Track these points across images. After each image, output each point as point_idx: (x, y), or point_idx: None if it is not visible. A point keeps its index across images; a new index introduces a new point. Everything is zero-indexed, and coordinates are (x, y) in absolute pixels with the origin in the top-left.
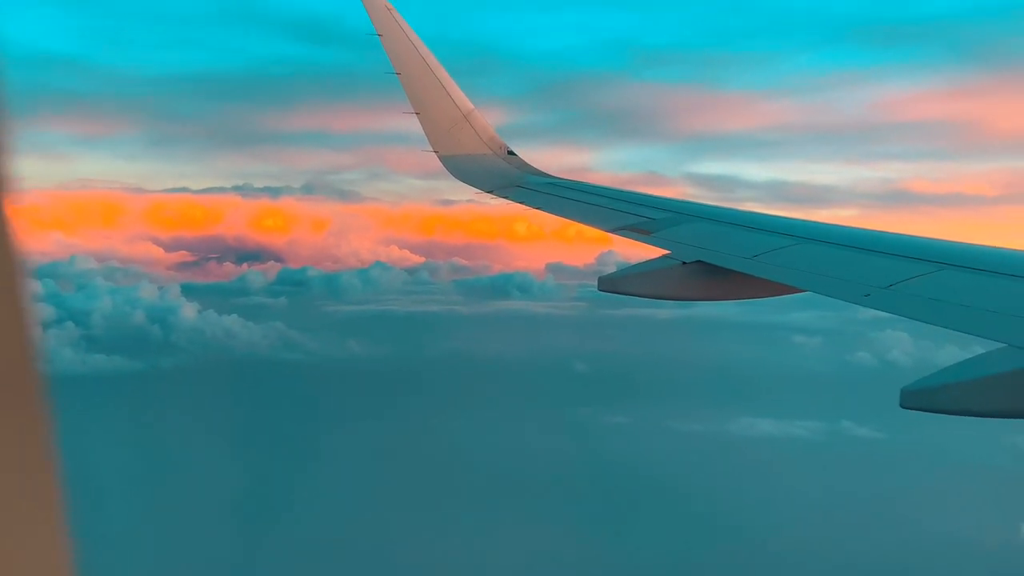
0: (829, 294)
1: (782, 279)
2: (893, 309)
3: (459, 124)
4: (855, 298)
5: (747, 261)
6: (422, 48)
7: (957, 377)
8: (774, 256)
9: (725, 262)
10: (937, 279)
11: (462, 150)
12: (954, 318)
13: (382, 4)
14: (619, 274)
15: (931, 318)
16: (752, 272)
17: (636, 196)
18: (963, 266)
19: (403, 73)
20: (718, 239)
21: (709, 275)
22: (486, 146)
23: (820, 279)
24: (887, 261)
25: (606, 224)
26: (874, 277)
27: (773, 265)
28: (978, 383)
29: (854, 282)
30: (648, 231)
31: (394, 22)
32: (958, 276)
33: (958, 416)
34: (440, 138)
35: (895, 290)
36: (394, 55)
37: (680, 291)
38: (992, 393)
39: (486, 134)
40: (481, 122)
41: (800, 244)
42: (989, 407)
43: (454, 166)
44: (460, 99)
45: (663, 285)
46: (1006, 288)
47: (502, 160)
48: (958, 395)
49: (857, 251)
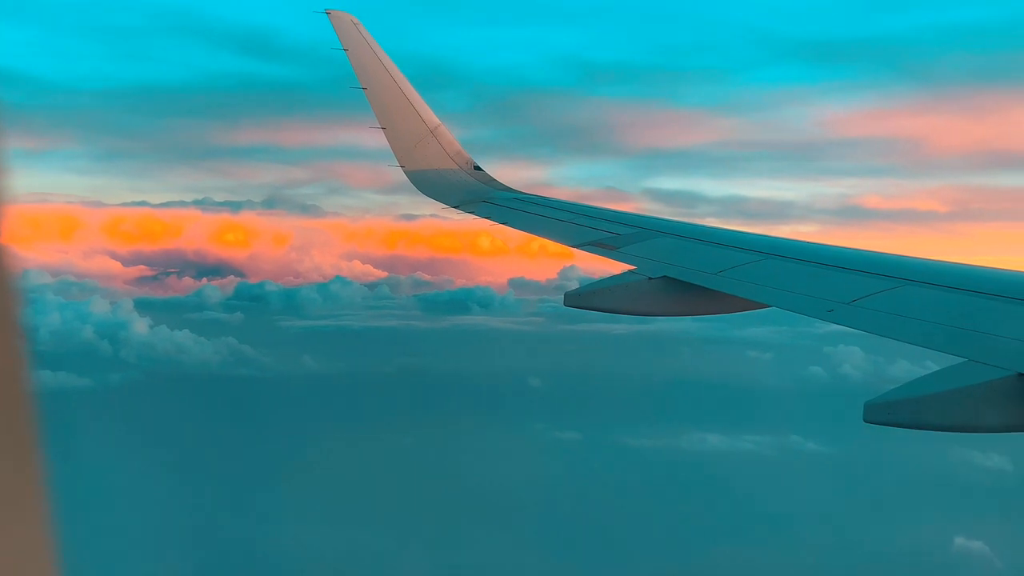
0: (793, 309)
1: (747, 294)
2: (856, 324)
3: (425, 139)
4: (819, 313)
5: (712, 276)
6: (388, 63)
7: (919, 392)
8: (739, 272)
9: (690, 277)
10: (899, 295)
11: (428, 165)
12: (916, 333)
13: (348, 19)
14: (585, 289)
15: (893, 333)
16: (717, 287)
17: (602, 212)
18: (925, 282)
19: (369, 88)
20: (683, 255)
21: (674, 290)
22: (452, 161)
23: (784, 294)
24: (850, 277)
25: (572, 239)
26: (838, 292)
27: (738, 280)
28: (939, 397)
29: (818, 297)
30: (614, 246)
31: (360, 37)
32: (920, 292)
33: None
34: (406, 153)
35: (858, 305)
36: (360, 70)
37: (646, 306)
38: (953, 408)
39: (452, 149)
40: (447, 137)
41: (764, 260)
42: (950, 421)
43: (420, 181)
44: (426, 114)
45: (629, 300)
46: (967, 304)
47: (468, 175)
48: (920, 409)
49: (821, 267)
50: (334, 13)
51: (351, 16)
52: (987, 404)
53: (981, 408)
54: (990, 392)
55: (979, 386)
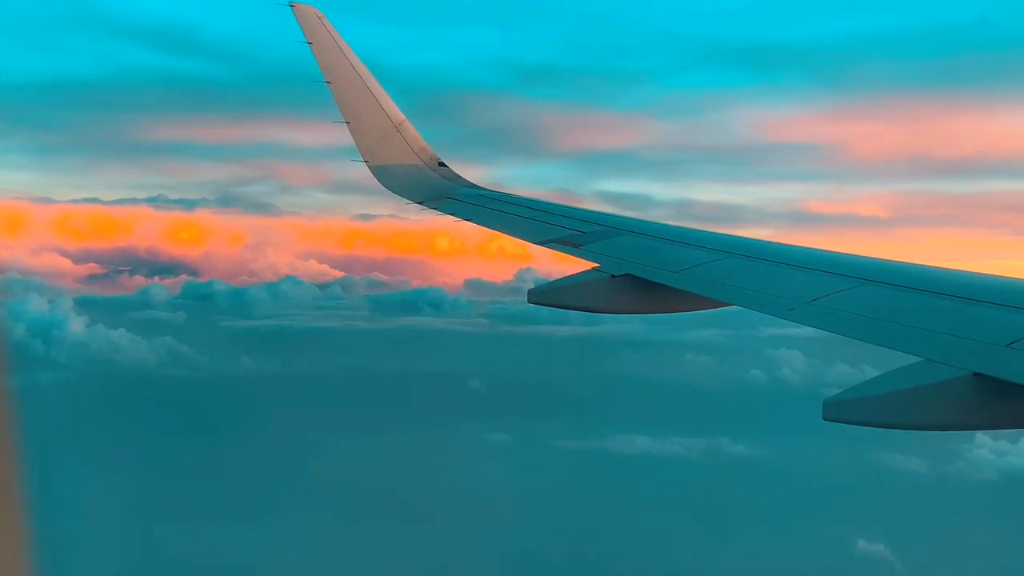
0: (754, 308)
1: (709, 293)
2: (816, 323)
3: (390, 135)
4: (780, 312)
5: (675, 275)
6: (353, 58)
7: (877, 391)
8: (701, 270)
9: (653, 276)
10: (859, 294)
11: (392, 161)
12: (874, 332)
13: (312, 13)
14: (548, 286)
15: (853, 332)
16: (679, 286)
17: (566, 210)
18: (883, 282)
19: (334, 83)
20: (647, 253)
21: (637, 288)
22: (417, 157)
23: (745, 293)
24: (810, 276)
25: (536, 236)
26: (798, 292)
27: (700, 279)
28: (896, 396)
29: (779, 296)
30: (578, 244)
31: (325, 31)
32: (879, 292)
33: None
34: (370, 148)
35: (818, 304)
36: (325, 65)
37: (609, 304)
38: (909, 406)
39: (417, 145)
40: (412, 133)
41: (727, 259)
42: (906, 420)
43: (385, 177)
44: (391, 110)
45: (592, 298)
46: (925, 304)
47: (433, 172)
48: (877, 408)
49: (782, 266)
50: (299, 7)
51: (315, 10)
52: (943, 403)
53: (937, 407)
54: (946, 391)
55: (936, 385)
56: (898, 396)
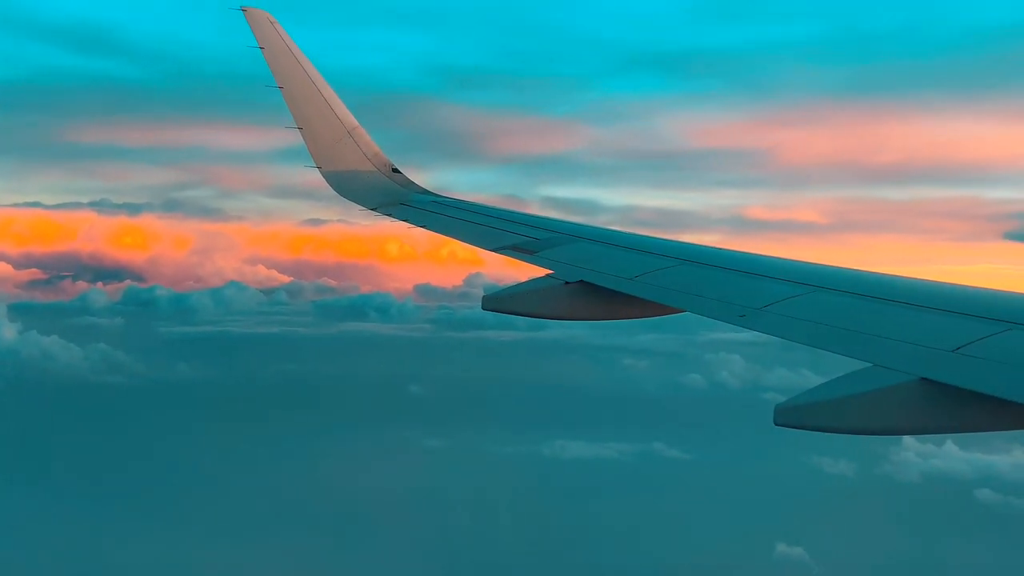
0: (707, 315)
1: (662, 299)
2: (768, 329)
3: (343, 140)
4: (731, 318)
5: (628, 282)
6: (305, 62)
7: (827, 395)
8: (654, 277)
9: (607, 282)
10: (809, 300)
11: (346, 166)
12: (825, 338)
13: (264, 17)
14: (503, 293)
15: (803, 338)
16: (633, 292)
17: (521, 216)
18: (833, 288)
19: (286, 88)
20: (601, 259)
21: (591, 295)
22: (370, 163)
23: (698, 300)
24: (762, 283)
25: (490, 243)
26: (750, 298)
27: (653, 286)
28: (847, 401)
29: (731, 303)
30: (532, 251)
31: (277, 35)
32: (829, 298)
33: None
34: (323, 154)
35: (769, 311)
36: (277, 69)
37: (563, 311)
38: (859, 411)
39: (370, 151)
40: (365, 139)
41: (680, 266)
42: (856, 424)
43: (337, 182)
44: (344, 115)
45: (546, 305)
46: (874, 310)
47: (386, 177)
48: (828, 413)
49: (734, 273)
50: (250, 11)
51: (267, 14)
52: (892, 408)
53: (886, 412)
54: (895, 396)
55: (885, 390)
56: (848, 401)
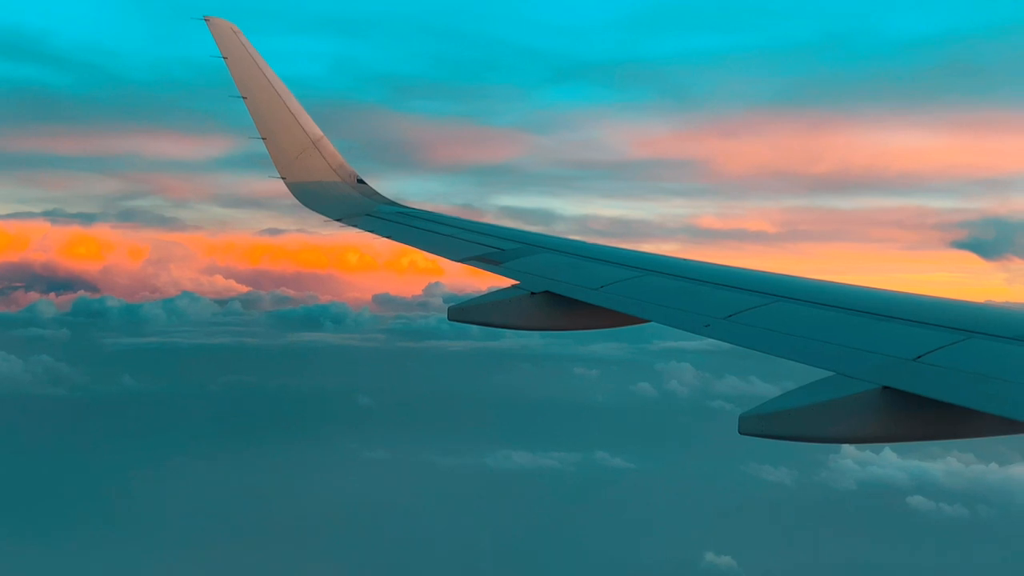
0: (671, 324)
1: (626, 309)
2: (732, 339)
3: (307, 151)
4: (696, 328)
5: (593, 292)
6: (269, 73)
7: (791, 404)
8: (619, 287)
9: (572, 293)
10: (772, 310)
11: (310, 177)
12: (788, 348)
13: (228, 27)
14: (469, 304)
15: (767, 347)
16: (598, 303)
17: (486, 227)
18: (796, 298)
19: (249, 98)
20: (566, 270)
21: (556, 305)
22: (335, 174)
23: (662, 310)
24: (726, 293)
25: (456, 254)
26: (714, 308)
27: (618, 296)
28: (810, 410)
29: (695, 313)
30: (498, 261)
31: (240, 46)
32: (792, 308)
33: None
34: (287, 165)
35: (733, 320)
36: (240, 79)
37: (528, 321)
38: (822, 420)
39: (335, 161)
40: (330, 149)
41: (644, 276)
42: (818, 433)
43: (302, 193)
44: (309, 125)
45: (512, 315)
46: (837, 320)
47: (351, 188)
48: (791, 421)
49: (698, 283)
50: (213, 20)
51: (231, 24)
52: (854, 416)
53: (849, 420)
54: (857, 405)
55: (847, 399)
56: (812, 410)
